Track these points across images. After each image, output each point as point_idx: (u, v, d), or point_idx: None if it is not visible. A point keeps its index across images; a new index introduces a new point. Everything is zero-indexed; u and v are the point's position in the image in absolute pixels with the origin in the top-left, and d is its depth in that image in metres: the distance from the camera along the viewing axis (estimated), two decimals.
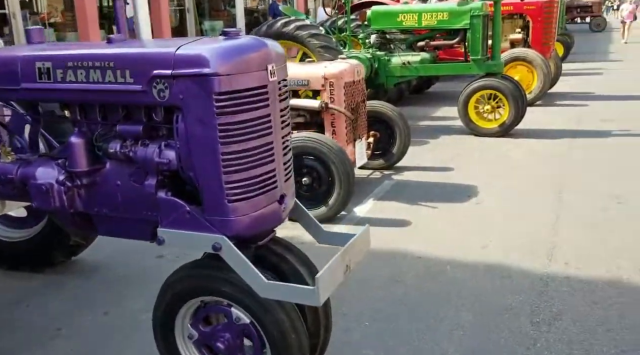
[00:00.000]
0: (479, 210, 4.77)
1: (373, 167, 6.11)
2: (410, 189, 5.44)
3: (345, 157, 4.50)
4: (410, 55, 7.76)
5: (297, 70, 5.07)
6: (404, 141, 5.99)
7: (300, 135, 4.56)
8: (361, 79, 5.25)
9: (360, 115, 5.28)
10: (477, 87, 7.34)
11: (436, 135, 7.72)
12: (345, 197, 4.53)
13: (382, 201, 5.12)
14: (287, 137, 2.37)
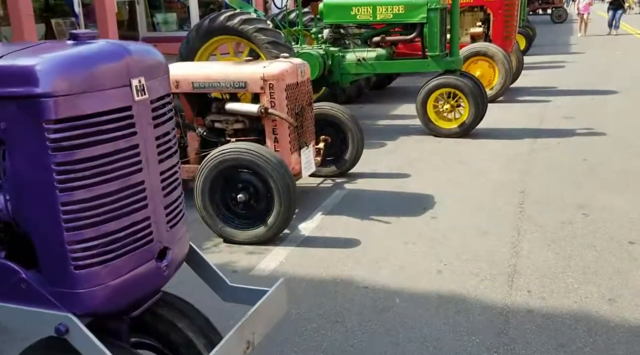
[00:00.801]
0: (435, 225, 4.34)
1: (324, 174, 5.63)
2: (362, 200, 4.98)
3: (285, 170, 4.00)
4: (365, 51, 7.29)
5: (233, 70, 4.53)
6: (356, 147, 5.53)
7: (232, 147, 4.04)
8: (306, 79, 4.74)
9: (306, 120, 4.78)
10: (435, 85, 6.93)
11: (394, 136, 7.28)
12: (286, 215, 4.04)
13: (330, 216, 4.65)
14: (171, 171, 1.84)
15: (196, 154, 4.82)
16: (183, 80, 4.65)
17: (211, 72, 4.60)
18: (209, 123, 4.75)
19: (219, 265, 3.90)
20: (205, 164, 4.08)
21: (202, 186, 4.09)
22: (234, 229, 4.13)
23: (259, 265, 3.81)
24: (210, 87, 4.59)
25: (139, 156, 1.64)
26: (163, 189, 1.76)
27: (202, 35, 6.75)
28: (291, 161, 4.52)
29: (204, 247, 4.13)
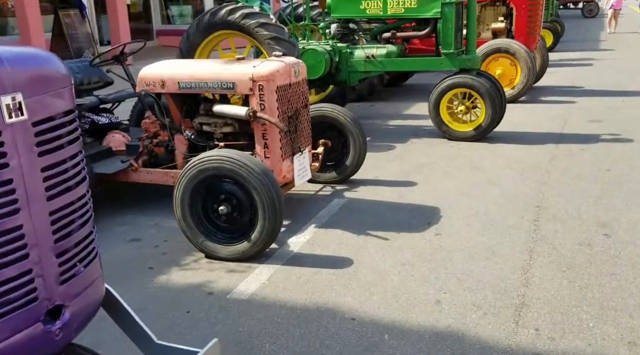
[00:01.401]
0: (438, 244, 3.92)
1: (324, 181, 5.25)
2: (361, 212, 4.58)
3: (270, 182, 3.62)
4: (375, 48, 6.85)
5: (221, 69, 4.17)
6: (359, 151, 5.12)
7: (213, 154, 3.68)
8: (301, 80, 4.35)
9: (301, 124, 4.39)
10: (449, 85, 6.47)
11: (404, 138, 6.85)
12: (271, 231, 3.67)
13: (324, 229, 4.26)
14: (68, 209, 1.47)
15: (184, 158, 4.48)
16: (169, 79, 4.31)
17: (198, 71, 4.25)
18: (197, 126, 4.40)
19: (195, 284, 3.59)
20: (185, 173, 3.73)
21: (182, 196, 3.75)
22: (216, 244, 3.78)
23: (238, 286, 3.45)
24: (197, 87, 4.23)
25: (13, 194, 1.28)
26: (54, 232, 1.41)
27: (202, 30, 6.41)
28: (282, 169, 4.15)
29: (183, 262, 3.80)
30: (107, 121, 5.16)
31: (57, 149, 1.41)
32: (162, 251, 4.00)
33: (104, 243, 4.15)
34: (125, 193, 5.15)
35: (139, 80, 4.42)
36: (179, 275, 3.62)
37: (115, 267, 3.75)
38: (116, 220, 4.60)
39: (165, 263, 3.80)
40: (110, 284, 3.53)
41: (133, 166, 4.62)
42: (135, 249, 4.05)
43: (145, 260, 3.86)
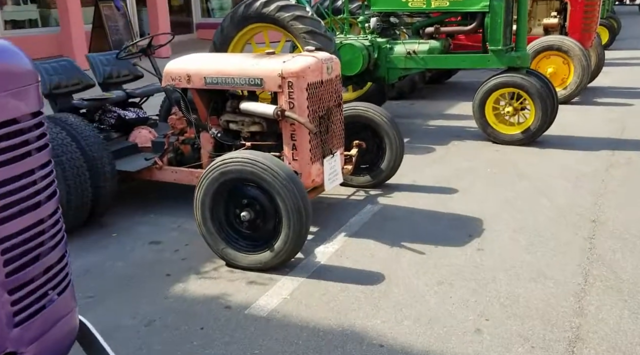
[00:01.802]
0: (480, 261, 3.55)
1: (357, 184, 4.92)
2: (395, 220, 4.23)
3: (296, 188, 3.33)
4: (416, 43, 6.46)
5: (249, 65, 3.89)
6: (395, 154, 4.77)
7: (236, 156, 3.40)
8: (334, 77, 4.04)
9: (333, 124, 4.08)
10: (496, 84, 6.02)
11: (445, 140, 6.44)
12: (296, 241, 3.38)
13: (355, 238, 3.94)
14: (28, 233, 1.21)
15: (209, 157, 4.23)
16: (195, 74, 4.06)
17: (225, 66, 3.99)
18: (223, 123, 4.15)
19: (212, 296, 3.34)
20: (207, 175, 3.48)
21: (203, 199, 3.50)
22: (237, 252, 3.52)
23: (257, 301, 3.17)
24: (224, 83, 3.98)
25: None
26: (5, 263, 1.14)
27: (236, 22, 6.15)
28: (311, 172, 3.85)
29: (202, 270, 3.55)
30: (134, 116, 4.97)
31: (15, 160, 1.15)
32: (182, 256, 3.77)
33: (123, 244, 3.96)
34: (151, 191, 4.95)
35: (164, 74, 4.20)
36: (197, 285, 3.38)
37: (132, 272, 3.54)
38: (138, 220, 4.40)
39: (183, 270, 3.57)
40: (125, 290, 3.34)
41: (157, 164, 4.41)
42: (154, 252, 3.83)
43: (163, 266, 3.63)
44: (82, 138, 4.01)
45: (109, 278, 3.48)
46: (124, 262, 3.67)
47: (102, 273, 3.55)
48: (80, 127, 4.06)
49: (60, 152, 3.82)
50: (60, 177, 3.82)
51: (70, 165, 3.84)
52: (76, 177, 3.86)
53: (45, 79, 4.58)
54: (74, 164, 3.87)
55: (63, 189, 3.83)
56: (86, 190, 3.93)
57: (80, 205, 3.92)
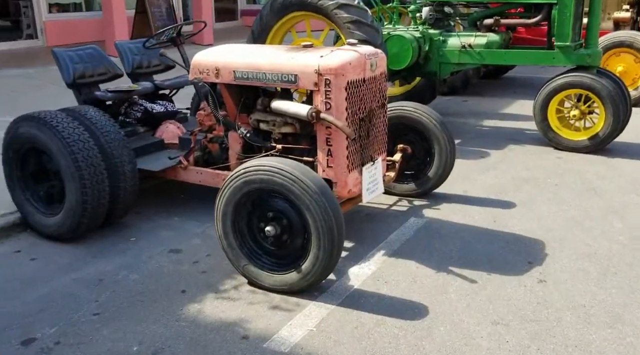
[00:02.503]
0: (542, 295, 3.03)
1: (400, 193, 4.44)
2: (442, 238, 3.74)
3: (328, 203, 2.89)
4: (473, 36, 5.87)
5: (284, 59, 3.47)
6: (445, 161, 4.26)
7: (261, 164, 2.99)
8: (379, 74, 3.56)
9: (375, 127, 3.61)
10: (562, 84, 5.39)
11: (501, 143, 5.86)
12: (326, 263, 2.94)
13: (395, 258, 3.48)
14: None
15: (238, 159, 3.84)
16: (223, 67, 3.67)
17: (256, 59, 3.57)
18: (253, 123, 3.74)
19: (229, 322, 2.92)
20: (229, 183, 3.08)
21: (224, 209, 3.11)
22: (260, 270, 3.12)
23: (280, 331, 2.76)
24: (255, 78, 3.56)
25: None
26: None
27: (276, 10, 5.73)
28: (348, 182, 3.40)
29: (222, 288, 3.18)
30: (161, 110, 4.63)
31: None
32: (202, 269, 3.40)
33: (141, 251, 3.63)
34: (178, 190, 4.61)
35: (192, 66, 3.83)
36: (213, 306, 3.00)
37: (145, 286, 3.19)
38: (160, 223, 4.07)
39: (201, 286, 3.20)
40: (135, 308, 2.99)
41: (182, 164, 4.06)
42: (172, 263, 3.48)
43: (180, 280, 3.27)
44: (102, 134, 3.68)
45: (121, 292, 3.14)
46: (138, 274, 3.34)
47: (115, 284, 3.22)
48: (100, 122, 3.74)
49: (76, 148, 3.50)
50: (75, 176, 3.51)
51: (87, 164, 3.52)
52: (93, 175, 3.54)
53: (69, 67, 4.28)
54: (91, 162, 3.55)
55: (78, 189, 3.53)
56: (103, 190, 3.61)
57: (96, 206, 3.60)
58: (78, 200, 3.55)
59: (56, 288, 3.18)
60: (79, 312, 2.94)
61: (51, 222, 3.73)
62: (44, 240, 3.78)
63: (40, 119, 3.58)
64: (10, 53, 10.36)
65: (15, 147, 3.76)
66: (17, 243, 3.78)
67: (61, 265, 3.45)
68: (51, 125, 3.54)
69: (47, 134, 3.54)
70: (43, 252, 3.64)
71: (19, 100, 7.04)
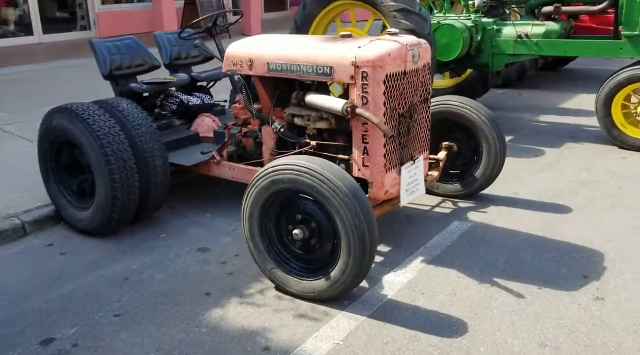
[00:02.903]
0: (599, 315, 2.71)
1: (445, 193, 4.16)
2: (488, 246, 3.45)
3: (360, 207, 2.67)
4: (530, 25, 5.46)
5: (319, 50, 3.25)
6: (494, 161, 3.95)
7: (291, 163, 2.80)
8: (422, 67, 3.29)
9: (417, 124, 3.35)
10: (629, 78, 4.92)
11: (559, 141, 5.44)
12: (357, 272, 2.73)
13: (435, 266, 3.23)
14: None
15: (271, 155, 3.67)
16: (257, 59, 3.49)
17: (291, 51, 3.37)
18: (288, 117, 3.54)
19: (252, 330, 2.71)
20: (256, 182, 2.91)
21: (251, 210, 2.95)
22: (288, 275, 2.94)
23: (304, 344, 2.58)
24: (289, 71, 3.36)
25: None
26: None
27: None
28: (385, 182, 3.17)
29: (247, 292, 3.02)
30: (198, 102, 4.52)
31: None
32: (229, 270, 3.26)
33: (169, 249, 3.53)
34: (212, 185, 4.50)
35: (226, 58, 3.67)
36: (237, 312, 2.85)
37: (170, 287, 3.08)
38: (192, 219, 3.96)
39: (226, 290, 3.05)
40: (157, 311, 2.86)
41: (215, 159, 3.93)
42: (199, 263, 3.36)
43: (206, 281, 3.14)
44: (133, 127, 3.59)
45: (145, 292, 3.04)
46: (164, 274, 3.23)
47: (140, 284, 3.12)
48: (132, 115, 3.65)
49: (106, 142, 3.42)
50: (105, 170, 3.43)
51: (116, 158, 3.44)
52: (122, 170, 3.46)
53: (106, 58, 4.23)
54: (121, 156, 3.46)
55: (108, 183, 3.45)
56: (133, 185, 3.53)
57: (126, 201, 3.52)
58: (108, 196, 3.47)
59: (81, 286, 3.12)
60: (100, 312, 2.86)
61: (83, 217, 3.68)
62: (77, 235, 3.74)
63: (72, 111, 3.52)
64: (65, 44, 10.64)
65: (50, 140, 3.73)
66: (50, 236, 3.76)
67: (89, 262, 3.39)
68: (82, 118, 3.47)
69: (78, 126, 3.48)
70: (74, 247, 3.60)
71: (71, 91, 7.15)
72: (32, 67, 8.92)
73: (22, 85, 7.82)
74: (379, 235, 2.73)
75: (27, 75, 8.46)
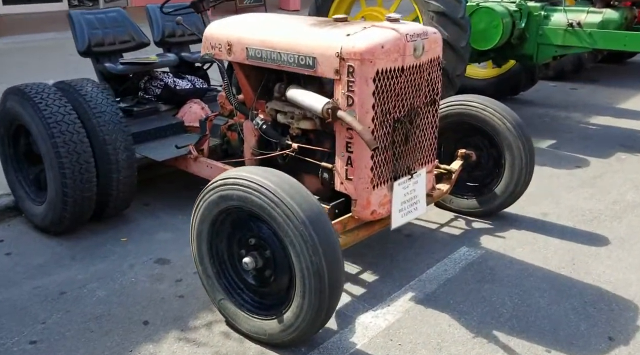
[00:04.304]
0: None
1: (458, 208, 3.54)
2: (496, 284, 2.82)
3: (320, 240, 2.11)
4: (585, 12, 4.65)
5: (303, 37, 2.68)
6: (517, 177, 3.29)
7: (242, 176, 2.26)
8: (427, 61, 2.66)
9: (419, 131, 2.75)
10: None
11: (609, 149, 4.66)
12: (313, 318, 2.19)
13: (423, 306, 2.64)
14: None
15: (252, 154, 3.16)
16: (236, 43, 2.95)
17: (272, 35, 2.81)
18: (270, 112, 3.01)
19: None
20: (204, 195, 2.40)
21: (199, 228, 2.45)
22: (238, 309, 2.44)
23: None
24: (268, 59, 2.81)
25: None
26: None
27: None
28: (371, 200, 2.60)
29: (193, 324, 2.55)
30: (187, 86, 4.04)
31: None
32: (180, 292, 2.78)
33: (125, 258, 3.09)
34: (202, 180, 4.02)
35: (204, 39, 3.15)
36: (171, 351, 2.37)
37: (106, 309, 2.64)
38: (163, 220, 3.50)
39: (169, 318, 2.57)
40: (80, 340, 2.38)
41: (191, 154, 3.45)
42: (151, 278, 2.89)
43: (149, 305, 2.66)
44: (94, 114, 3.14)
45: (76, 313, 2.60)
46: (106, 291, 2.79)
47: (75, 302, 2.69)
48: (95, 100, 3.19)
49: (57, 131, 2.98)
50: (54, 163, 3.01)
51: (68, 150, 3.00)
52: (75, 164, 3.02)
53: (84, 32, 3.78)
54: (74, 148, 3.01)
55: (57, 178, 3.02)
56: (89, 181, 3.09)
57: (80, 199, 3.09)
58: (58, 191, 3.06)
59: (11, 297, 2.72)
60: (17, 336, 2.45)
61: (37, 212, 3.30)
62: (33, 231, 3.37)
63: (24, 93, 3.10)
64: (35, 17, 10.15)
65: (5, 124, 3.33)
66: (4, 231, 3.40)
67: (33, 267, 2.99)
68: (33, 101, 3.04)
69: (28, 111, 3.06)
70: (23, 246, 3.21)
71: None
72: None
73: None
74: (344, 272, 2.19)
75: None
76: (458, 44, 4.45)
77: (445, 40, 4.42)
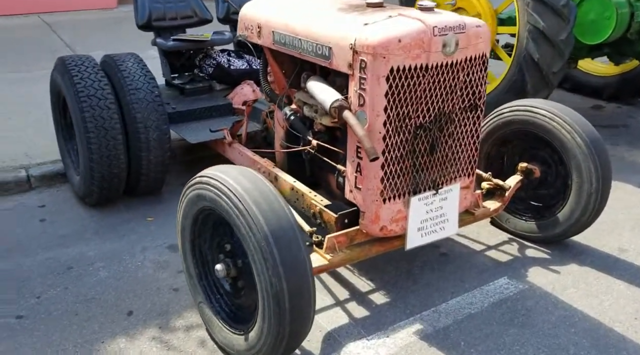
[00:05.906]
0: None
1: (514, 230, 3.05)
2: (525, 328, 2.34)
3: (281, 258, 1.85)
4: None
5: (324, 24, 2.37)
6: (584, 204, 2.73)
7: (218, 176, 2.04)
8: (463, 59, 2.23)
9: (451, 140, 2.35)
10: None
11: None
12: (273, 342, 1.94)
13: (427, 343, 2.27)
14: None
15: (281, 146, 2.94)
16: (264, 26, 2.72)
17: (295, 20, 2.53)
18: (298, 103, 2.76)
19: None
20: (185, 191, 2.23)
21: (183, 223, 2.29)
22: (214, 316, 2.25)
23: None
24: (291, 45, 2.55)
25: None
26: None
27: None
28: (381, 215, 2.28)
29: (173, 323, 2.42)
30: (243, 66, 3.88)
31: None
32: (177, 285, 2.66)
33: (141, 239, 3.04)
34: None
35: (239, 20, 2.95)
36: (139, 351, 2.27)
37: (100, 292, 2.61)
38: None
39: (154, 313, 2.46)
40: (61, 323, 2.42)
41: (225, 138, 3.30)
42: (156, 266, 2.80)
43: (142, 294, 2.58)
44: (128, 91, 3.09)
45: (72, 292, 2.59)
46: (110, 272, 2.75)
47: (77, 279, 2.68)
48: (131, 76, 3.14)
49: (86, 106, 2.98)
50: (82, 137, 3.02)
51: (96, 125, 2.98)
52: (102, 140, 3.00)
53: (145, 6, 3.76)
54: (102, 124, 3.00)
55: (85, 152, 3.04)
56: (117, 158, 3.07)
57: (107, 175, 3.08)
58: (86, 165, 3.08)
59: (23, 266, 2.79)
60: (9, 306, 2.49)
61: (75, 182, 3.37)
62: (75, 200, 3.45)
63: (65, 65, 3.13)
64: None
65: (54, 93, 3.42)
66: (51, 196, 3.52)
67: (56, 237, 3.06)
68: (70, 74, 3.06)
69: (65, 82, 3.10)
70: (60, 214, 3.30)
71: None
72: None
73: None
74: (312, 298, 1.91)
75: None
76: (556, 36, 3.81)
77: (541, 31, 3.84)
